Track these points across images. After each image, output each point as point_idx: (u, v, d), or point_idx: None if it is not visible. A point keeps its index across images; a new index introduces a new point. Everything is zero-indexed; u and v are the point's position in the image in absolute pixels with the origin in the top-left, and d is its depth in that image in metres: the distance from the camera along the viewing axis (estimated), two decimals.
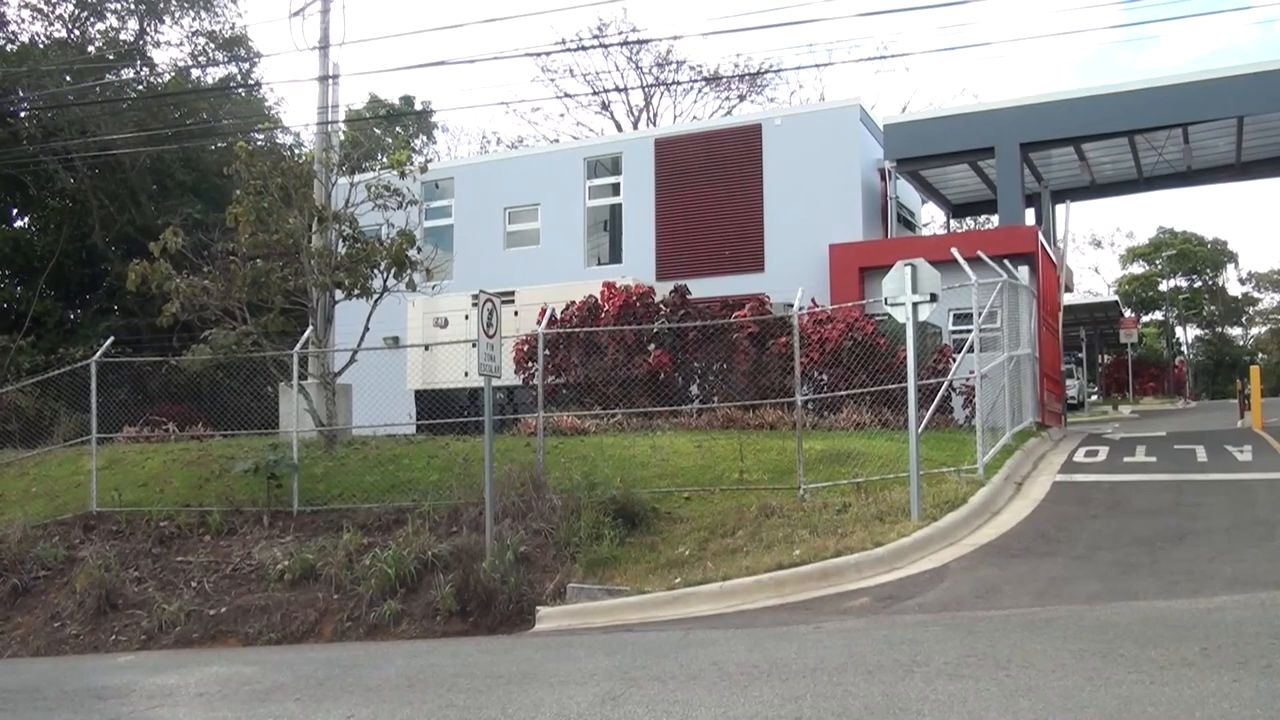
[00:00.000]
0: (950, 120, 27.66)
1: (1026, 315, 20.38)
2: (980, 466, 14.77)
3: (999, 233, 25.76)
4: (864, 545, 11.88)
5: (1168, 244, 71.20)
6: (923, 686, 6.86)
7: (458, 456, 16.39)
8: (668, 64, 48.61)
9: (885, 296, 13.64)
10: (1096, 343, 55.00)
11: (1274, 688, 6.34)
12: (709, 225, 27.29)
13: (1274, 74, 24.84)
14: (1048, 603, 9.43)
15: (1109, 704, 6.25)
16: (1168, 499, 14.08)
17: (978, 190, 31.49)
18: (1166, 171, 31.30)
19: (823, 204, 25.87)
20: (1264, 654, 7.05)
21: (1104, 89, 26.61)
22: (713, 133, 29.38)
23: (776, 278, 24.03)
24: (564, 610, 11.96)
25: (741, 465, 15.26)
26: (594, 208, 29.37)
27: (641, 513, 13.61)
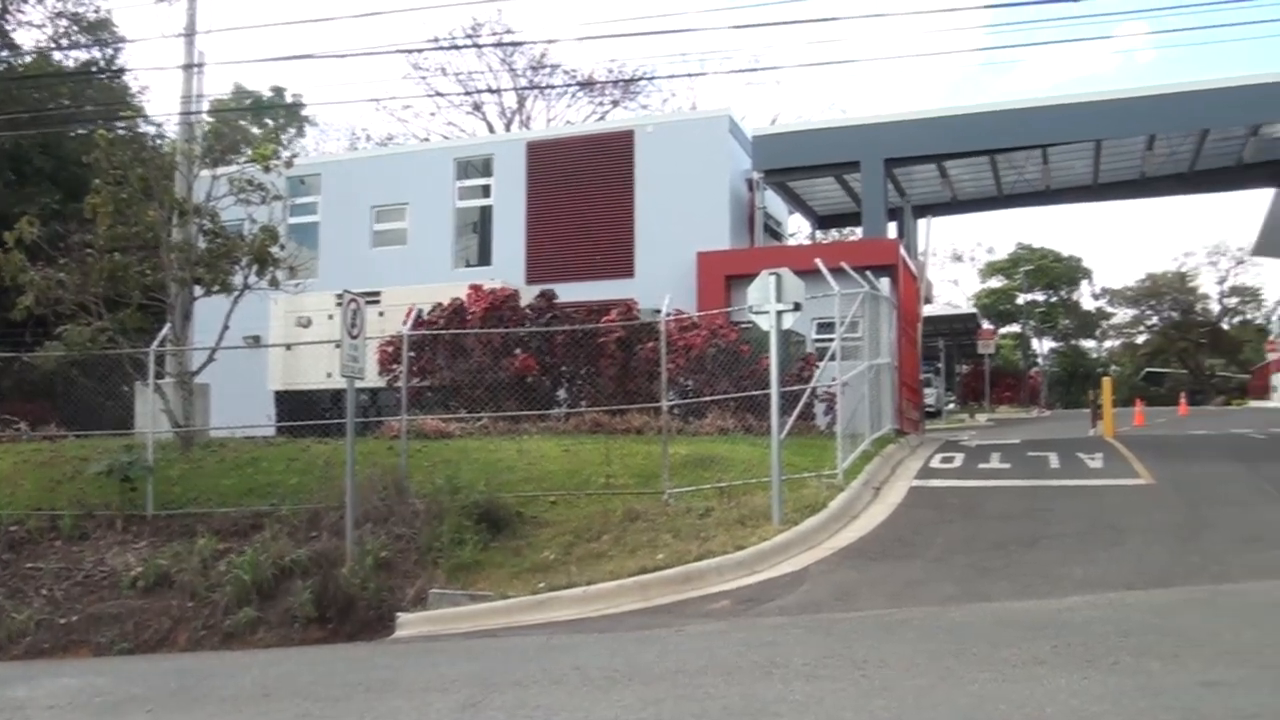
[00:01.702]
0: (817, 134, 28.16)
1: (887, 325, 20.84)
2: (840, 472, 15.05)
3: (862, 245, 26.29)
4: (726, 549, 12.01)
5: (1026, 259, 73.49)
6: (780, 688, 6.97)
7: (319, 459, 16.12)
8: (542, 67, 48.59)
9: (750, 304, 13.83)
10: (955, 353, 56.42)
11: (1121, 684, 6.60)
12: (579, 230, 27.28)
13: (1131, 101, 25.93)
14: (904, 604, 9.65)
15: (961, 702, 6.44)
16: (1021, 504, 14.51)
17: (843, 203, 32.08)
18: (1026, 190, 32.32)
19: (692, 212, 26.07)
20: (1112, 652, 7.32)
21: (967, 109, 27.40)
22: (585, 138, 29.40)
23: (646, 284, 24.16)
24: (425, 616, 11.85)
25: (608, 470, 15.29)
26: (463, 209, 29.13)
27: (506, 517, 13.55)
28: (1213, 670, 6.81)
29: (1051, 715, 6.11)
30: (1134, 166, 30.66)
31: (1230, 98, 25.22)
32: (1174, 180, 31.79)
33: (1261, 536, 11.62)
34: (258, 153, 18.44)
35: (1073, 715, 6.08)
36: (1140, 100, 25.92)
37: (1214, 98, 25.34)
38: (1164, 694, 6.37)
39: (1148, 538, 11.94)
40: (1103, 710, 6.13)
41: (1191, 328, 76.61)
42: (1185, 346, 76.59)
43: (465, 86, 49.01)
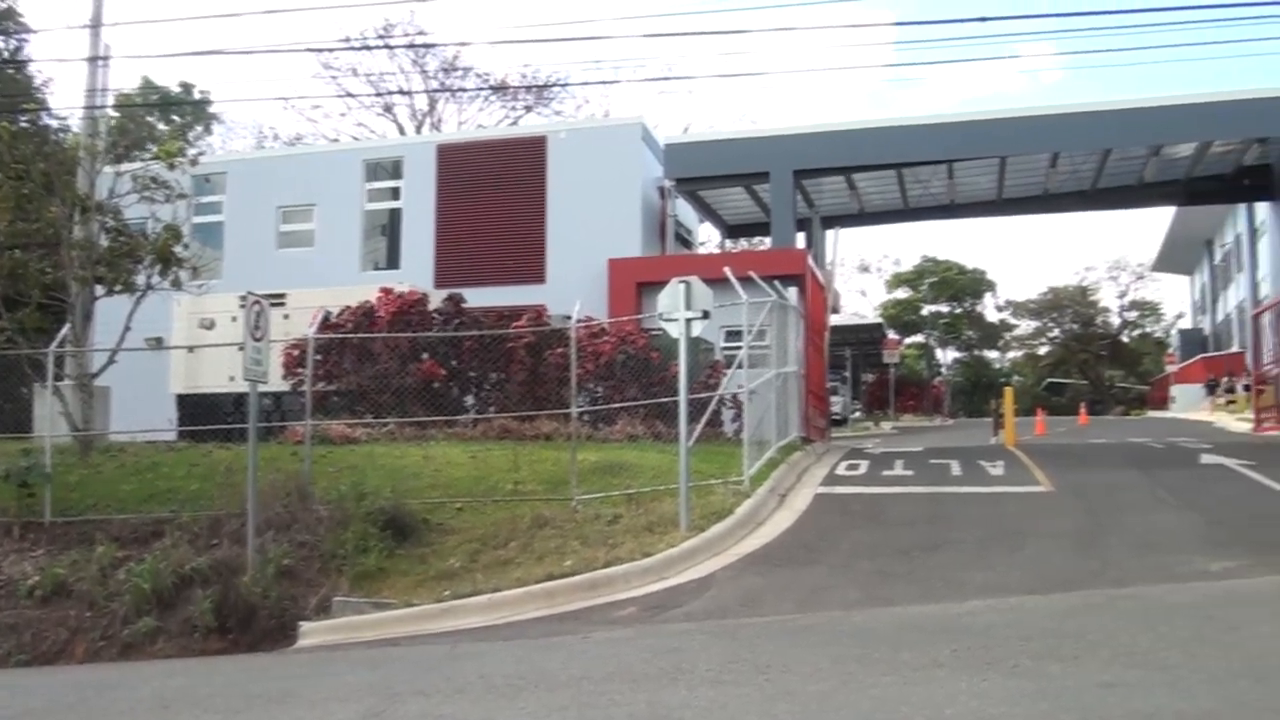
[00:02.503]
0: (728, 144, 28.38)
1: (794, 334, 21.02)
2: (747, 479, 15.12)
3: (771, 254, 26.52)
4: (634, 556, 12.02)
5: (931, 271, 74.60)
6: (685, 694, 6.98)
7: (220, 465, 15.81)
8: (454, 70, 48.27)
9: (660, 312, 13.87)
10: (861, 362, 57.02)
11: (1021, 686, 6.70)
12: (490, 234, 27.17)
13: (1034, 119, 26.59)
14: (808, 610, 9.72)
15: (863, 705, 6.50)
16: (924, 510, 14.70)
17: (752, 212, 32.35)
18: (932, 204, 32.88)
19: (603, 219, 26.11)
20: (1012, 655, 7.43)
21: (874, 124, 27.83)
22: (497, 142, 29.32)
23: (556, 290, 24.14)
24: (328, 625, 11.68)
25: (516, 476, 15.23)
26: (372, 211, 28.87)
27: (412, 524, 13.41)
28: (1110, 672, 6.95)
29: (951, 717, 6.18)
30: (1038, 183, 31.36)
31: (1132, 119, 25.97)
32: (1077, 197, 32.60)
33: (1158, 542, 11.89)
34: (163, 150, 18.07)
35: (973, 717, 6.16)
36: (1045, 119, 26.59)
37: (1116, 119, 26.08)
38: (1063, 695, 6.48)
39: (1048, 543, 12.15)
40: (1002, 712, 6.22)
41: (1092, 340, 78.37)
42: (1086, 358, 78.32)
43: (376, 87, 48.57)
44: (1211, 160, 29.78)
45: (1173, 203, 38.42)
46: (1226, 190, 32.77)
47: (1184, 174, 30.86)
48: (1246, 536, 11.98)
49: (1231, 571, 10.26)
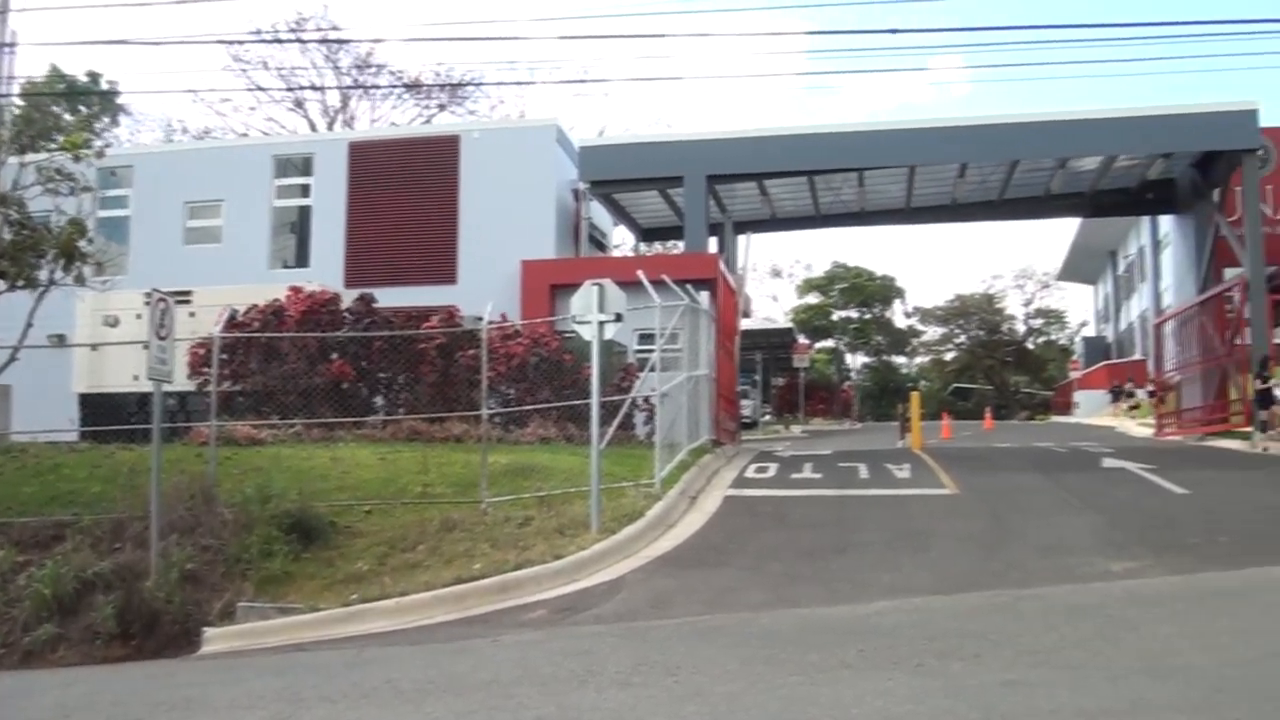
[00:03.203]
0: (643, 148, 28.42)
1: (706, 338, 21.12)
2: (658, 481, 15.16)
3: (684, 258, 26.61)
4: (544, 558, 11.99)
5: (841, 277, 75.52)
6: (595, 696, 6.99)
7: (123, 466, 15.46)
8: (367, 67, 47.68)
9: (574, 314, 13.88)
10: (771, 366, 57.43)
11: (926, 685, 6.80)
12: (402, 234, 26.91)
13: (943, 130, 27.04)
14: (717, 611, 9.77)
15: (771, 706, 6.55)
16: (831, 513, 14.85)
17: (666, 216, 32.41)
18: (843, 211, 33.19)
19: (517, 220, 26.00)
20: (917, 655, 7.55)
21: (787, 131, 28.04)
22: (410, 140, 29.07)
23: (469, 291, 23.93)
24: (233, 630, 11.48)
25: (425, 479, 15.12)
26: (282, 208, 28.45)
27: (319, 527, 13.24)
28: (1013, 671, 7.09)
29: (857, 716, 6.26)
30: (946, 192, 31.82)
31: (1039, 132, 26.51)
32: (984, 207, 33.12)
33: (1061, 544, 12.12)
34: (68, 141, 17.57)
35: (878, 715, 6.25)
36: (953, 130, 27.06)
37: (1024, 132, 26.61)
38: (966, 693, 6.59)
39: (952, 545, 12.34)
40: (907, 711, 6.32)
41: (998, 346, 79.85)
42: (991, 364, 79.76)
43: (288, 82, 47.82)
44: (1116, 174, 30.50)
45: (1078, 214, 39.29)
46: (1131, 203, 33.56)
47: (1089, 187, 31.56)
48: (1146, 538, 12.27)
49: (1132, 572, 10.50)
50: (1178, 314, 31.59)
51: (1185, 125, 26.05)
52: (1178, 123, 26.04)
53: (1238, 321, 26.59)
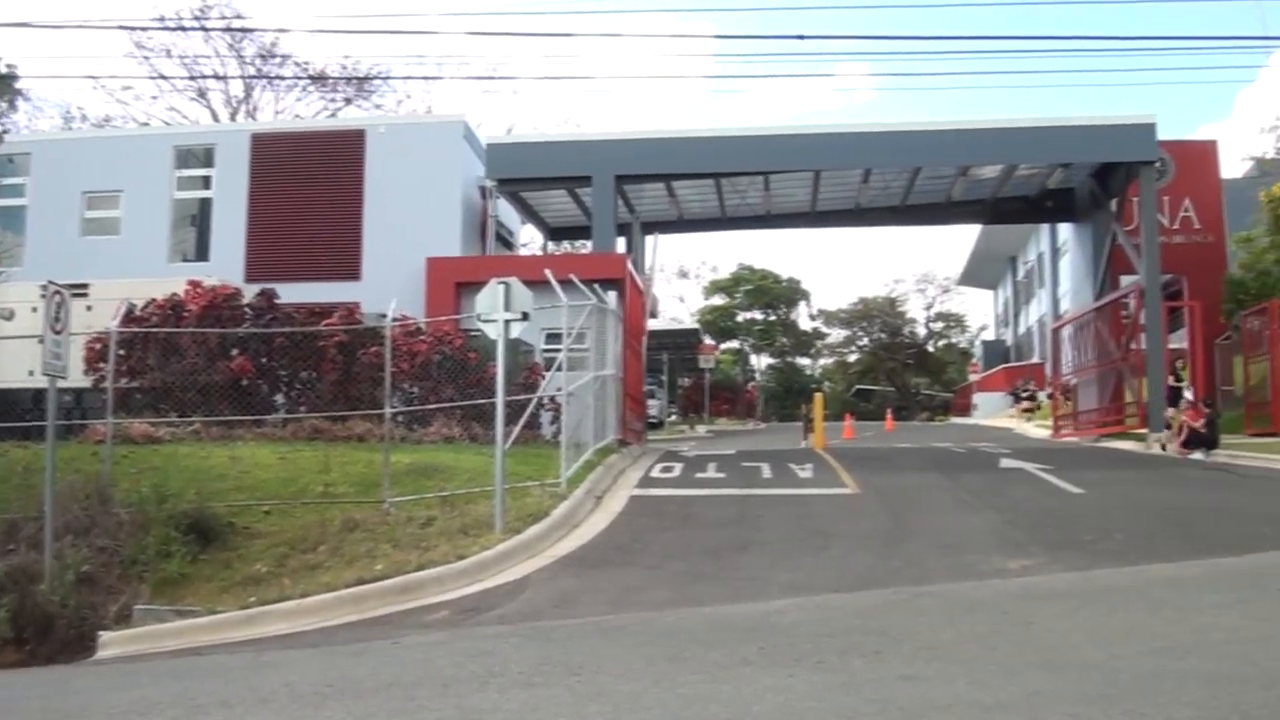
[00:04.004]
0: (551, 146, 28.38)
1: (613, 338, 21.14)
2: (564, 481, 15.16)
3: (591, 258, 26.63)
4: (447, 559, 11.91)
5: (747, 279, 76.05)
6: (497, 697, 6.94)
7: (17, 465, 15.03)
8: (272, 57, 46.79)
9: (479, 312, 13.81)
10: (678, 366, 57.71)
11: (826, 681, 6.87)
12: (305, 228, 26.50)
13: (848, 136, 27.39)
14: (621, 610, 9.78)
15: (673, 704, 6.56)
16: (734, 512, 14.96)
17: (574, 216, 32.34)
18: (749, 213, 33.40)
19: (423, 216, 25.78)
20: (817, 651, 7.60)
21: (695, 133, 28.15)
22: (314, 133, 28.71)
23: (373, 287, 23.68)
24: (130, 634, 11.23)
25: (326, 478, 14.94)
26: (182, 200, 27.85)
27: (217, 528, 13.02)
28: (912, 666, 7.18)
29: (758, 713, 6.30)
30: (850, 197, 32.20)
31: (942, 140, 26.96)
32: (887, 212, 33.60)
33: (959, 542, 12.34)
34: None
35: (779, 711, 6.30)
36: (858, 136, 27.42)
37: (927, 139, 27.05)
38: (865, 688, 6.67)
39: (853, 543, 12.49)
40: (808, 707, 6.38)
41: (900, 349, 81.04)
42: (893, 366, 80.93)
43: (191, 71, 46.79)
44: (1017, 182, 31.11)
45: (979, 221, 40.03)
46: (1030, 211, 34.25)
47: (990, 194, 32.14)
48: (1042, 536, 12.54)
49: (1028, 569, 10.72)
50: (1075, 319, 32.37)
51: (1085, 137, 26.70)
52: (1077, 134, 26.69)
53: (1133, 327, 27.35)
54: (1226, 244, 30.01)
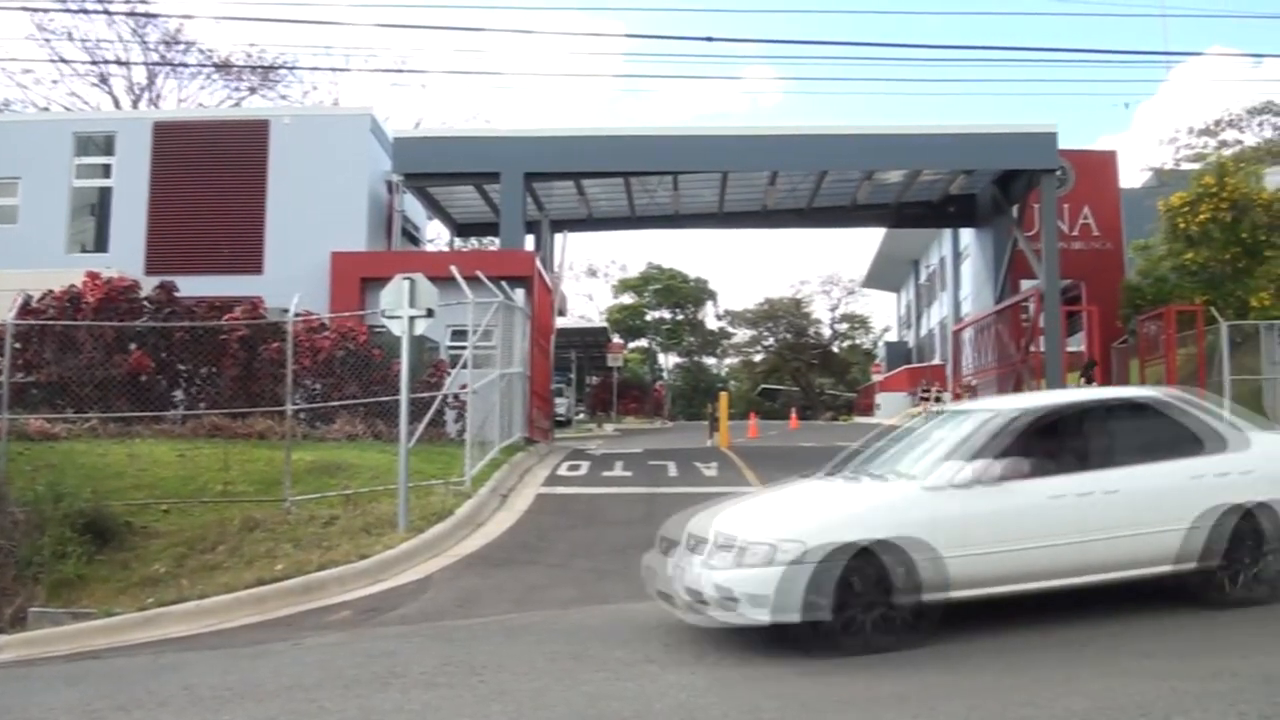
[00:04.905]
0: (459, 142, 28.18)
1: (520, 335, 21.11)
2: (468, 479, 15.13)
3: (499, 255, 26.50)
4: (349, 558, 11.82)
5: (656, 279, 76.33)
6: (399, 697, 6.95)
7: None
8: (176, 43, 45.78)
9: (384, 309, 13.70)
10: (586, 364, 57.78)
11: (727, 676, 7.08)
12: (207, 220, 25.98)
13: (755, 138, 27.62)
14: (526, 609, 9.81)
15: (577, 702, 6.63)
16: (641, 510, 15.03)
17: (482, 212, 32.21)
18: (658, 213, 33.57)
19: (327, 210, 25.47)
20: (718, 648, 7.80)
21: (604, 131, 28.21)
22: (217, 123, 28.21)
23: (276, 282, 23.31)
24: (23, 638, 10.93)
25: (226, 476, 14.73)
26: (81, 189, 27.15)
27: (114, 527, 12.76)
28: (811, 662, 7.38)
29: (660, 711, 6.41)
30: (757, 199, 32.51)
31: (847, 144, 27.33)
32: (794, 214, 33.97)
33: None
34: None
35: (681, 708, 6.42)
36: (765, 139, 27.66)
37: (832, 143, 27.39)
38: (766, 683, 6.89)
39: None
40: (709, 703, 6.51)
41: (804, 349, 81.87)
42: (798, 366, 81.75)
43: (93, 55, 45.57)
44: (920, 187, 31.66)
45: (883, 225, 40.62)
46: (933, 215, 34.88)
47: (894, 199, 32.67)
48: None
49: None
50: (976, 322, 33.03)
51: (988, 144, 27.25)
52: (980, 142, 27.22)
53: (1033, 330, 28.02)
54: (1124, 251, 30.82)
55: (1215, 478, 8.34)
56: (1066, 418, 8.95)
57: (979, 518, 7.89)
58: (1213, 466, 8.40)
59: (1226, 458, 8.47)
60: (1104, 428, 8.81)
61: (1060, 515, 7.99)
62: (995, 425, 8.42)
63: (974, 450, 8.18)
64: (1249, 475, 8.39)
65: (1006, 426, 8.39)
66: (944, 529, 7.75)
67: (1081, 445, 8.58)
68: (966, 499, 7.92)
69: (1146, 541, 8.07)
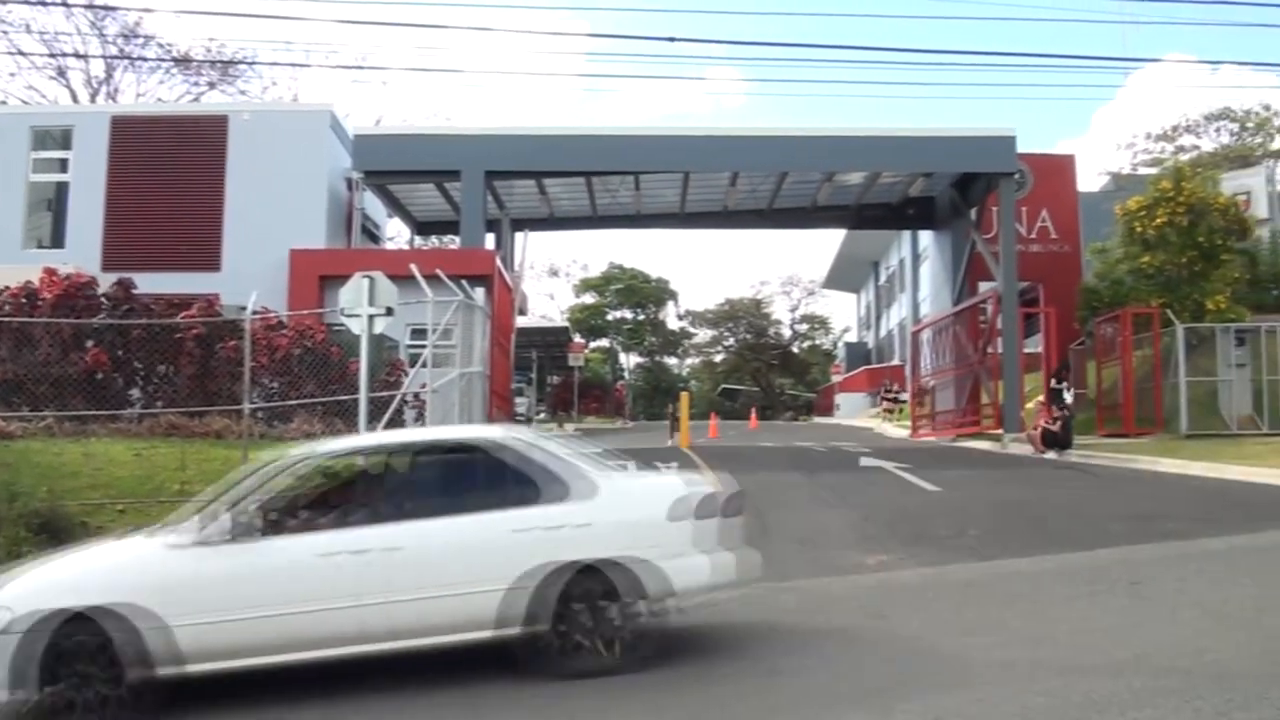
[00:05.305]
0: (420, 139, 28.08)
1: (481, 334, 21.03)
2: None
3: (459, 254, 26.44)
4: None
5: (617, 279, 76.44)
6: None
7: None
8: (135, 37, 45.30)
9: (342, 307, 13.61)
10: (547, 364, 57.70)
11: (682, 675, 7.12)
12: (164, 217, 25.71)
13: (717, 139, 27.71)
14: None
15: None
16: None
17: (443, 211, 32.11)
18: (619, 213, 33.60)
19: (287, 207, 25.28)
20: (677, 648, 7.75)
21: (566, 130, 28.30)
22: (176, 118, 28.00)
23: (234, 279, 23.06)
24: None
25: (183, 476, 14.55)
26: (38, 183, 26.81)
27: (69, 528, 12.53)
28: (769, 660, 7.43)
29: None
30: (719, 199, 32.61)
31: (808, 146, 27.46)
32: (755, 215, 34.10)
33: (819, 539, 12.60)
34: None
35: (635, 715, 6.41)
36: (726, 140, 27.77)
37: (793, 144, 27.51)
38: (726, 684, 6.91)
39: None
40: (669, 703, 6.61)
41: (765, 349, 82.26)
42: (758, 366, 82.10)
43: (50, 48, 45.01)
44: (881, 189, 31.86)
45: (843, 226, 40.88)
46: (893, 218, 35.14)
47: (854, 200, 32.86)
48: (899, 532, 12.89)
49: (885, 565, 11.00)
50: (934, 323, 33.25)
51: (947, 148, 27.46)
52: (940, 145, 27.43)
53: (990, 332, 28.25)
54: (1082, 254, 31.17)
55: (546, 531, 7.30)
56: (376, 462, 8.21)
57: (222, 579, 7.00)
58: (545, 518, 7.36)
59: (564, 508, 7.43)
60: (421, 474, 8.03)
61: (329, 576, 7.03)
62: (272, 470, 7.60)
63: (236, 499, 7.31)
64: (587, 528, 7.36)
65: (288, 470, 7.62)
66: (178, 593, 6.89)
67: (386, 493, 7.87)
68: (211, 558, 7.06)
69: (455, 604, 7.06)
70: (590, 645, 7.15)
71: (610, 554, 7.28)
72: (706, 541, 7.59)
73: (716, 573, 7.54)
